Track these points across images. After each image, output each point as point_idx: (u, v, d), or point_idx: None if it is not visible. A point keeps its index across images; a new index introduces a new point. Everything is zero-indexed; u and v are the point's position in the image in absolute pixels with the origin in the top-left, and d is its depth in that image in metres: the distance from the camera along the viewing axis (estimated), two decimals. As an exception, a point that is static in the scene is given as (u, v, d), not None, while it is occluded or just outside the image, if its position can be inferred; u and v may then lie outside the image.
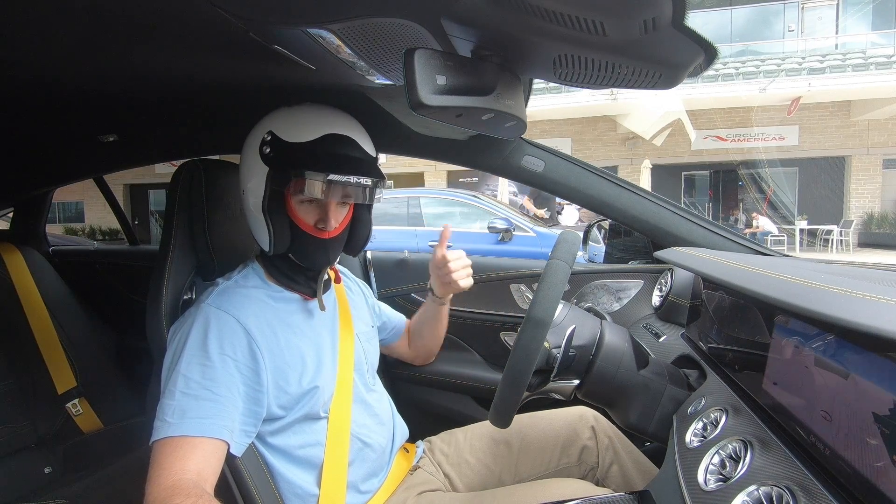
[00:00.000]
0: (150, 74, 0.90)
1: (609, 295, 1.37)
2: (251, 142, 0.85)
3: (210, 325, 0.78)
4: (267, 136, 0.82)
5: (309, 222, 0.84)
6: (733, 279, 0.70)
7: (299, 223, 0.84)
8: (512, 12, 0.55)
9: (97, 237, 12.06)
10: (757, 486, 0.53)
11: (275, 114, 0.85)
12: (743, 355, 0.77)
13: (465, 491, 1.00)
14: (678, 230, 1.19)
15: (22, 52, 0.76)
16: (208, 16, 0.61)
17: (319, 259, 0.87)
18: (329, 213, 0.84)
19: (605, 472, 0.97)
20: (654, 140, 9.58)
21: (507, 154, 1.19)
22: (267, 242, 0.83)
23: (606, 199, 1.20)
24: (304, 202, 0.84)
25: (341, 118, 0.85)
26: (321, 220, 0.84)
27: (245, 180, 0.85)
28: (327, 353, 0.89)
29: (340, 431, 0.87)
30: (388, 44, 0.70)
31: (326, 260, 0.88)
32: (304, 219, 0.84)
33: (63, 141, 1.40)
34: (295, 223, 0.84)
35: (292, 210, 0.83)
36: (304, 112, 0.84)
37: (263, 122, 0.85)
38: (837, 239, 10.07)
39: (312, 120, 0.82)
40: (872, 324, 0.42)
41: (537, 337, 0.73)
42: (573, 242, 0.82)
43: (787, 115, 10.33)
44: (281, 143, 0.81)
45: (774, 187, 11.37)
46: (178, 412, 0.71)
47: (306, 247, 0.85)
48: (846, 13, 11.61)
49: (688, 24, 0.51)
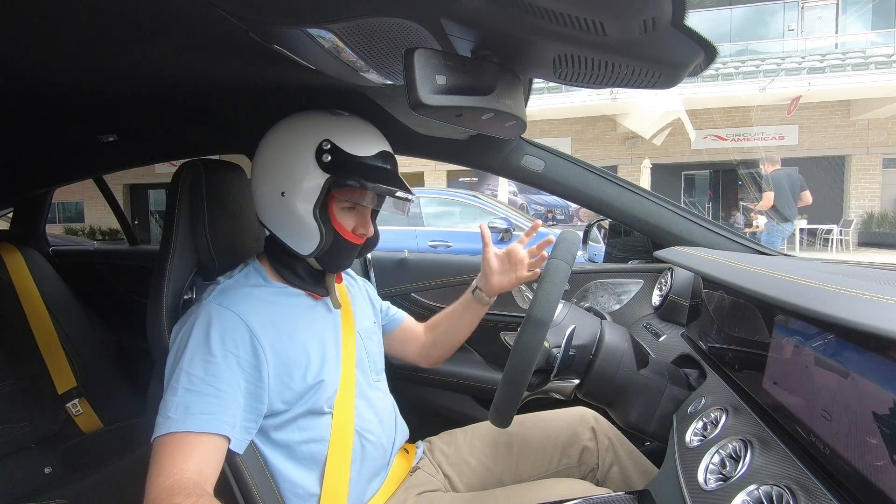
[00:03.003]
0: (151, 74, 0.90)
1: (609, 294, 1.37)
2: (300, 146, 0.84)
3: (212, 321, 0.78)
4: (326, 145, 0.84)
5: (348, 228, 0.88)
6: (733, 279, 0.70)
7: (339, 229, 0.87)
8: (512, 12, 0.55)
9: (97, 237, 12.05)
10: (757, 486, 0.53)
11: (325, 121, 0.86)
12: (743, 355, 0.77)
13: (465, 491, 1.00)
14: (678, 230, 1.19)
15: (22, 53, 0.76)
16: (208, 16, 0.61)
17: (347, 262, 0.92)
18: (367, 221, 0.91)
19: (606, 472, 0.97)
20: (654, 139, 9.56)
21: (506, 154, 1.19)
22: (315, 245, 0.85)
23: (606, 199, 1.20)
24: (344, 209, 0.88)
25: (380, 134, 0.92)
26: (360, 227, 0.89)
27: (287, 182, 0.85)
28: (331, 349, 0.90)
29: (344, 427, 0.87)
30: (388, 43, 0.70)
31: (350, 263, 0.93)
32: (345, 224, 0.88)
33: (63, 141, 1.40)
34: (335, 228, 0.86)
35: (334, 216, 0.87)
36: (357, 125, 0.89)
37: (309, 128, 0.86)
38: (837, 238, 10.06)
39: (369, 135, 0.89)
40: (872, 323, 0.42)
41: (537, 336, 0.73)
42: (573, 242, 0.82)
43: (786, 114, 10.32)
44: (343, 154, 0.84)
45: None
46: (181, 408, 0.72)
47: (341, 250, 0.88)
48: (846, 12, 11.61)
49: (687, 23, 0.51)
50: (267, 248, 0.92)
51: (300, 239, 0.85)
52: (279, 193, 0.85)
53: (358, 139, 0.86)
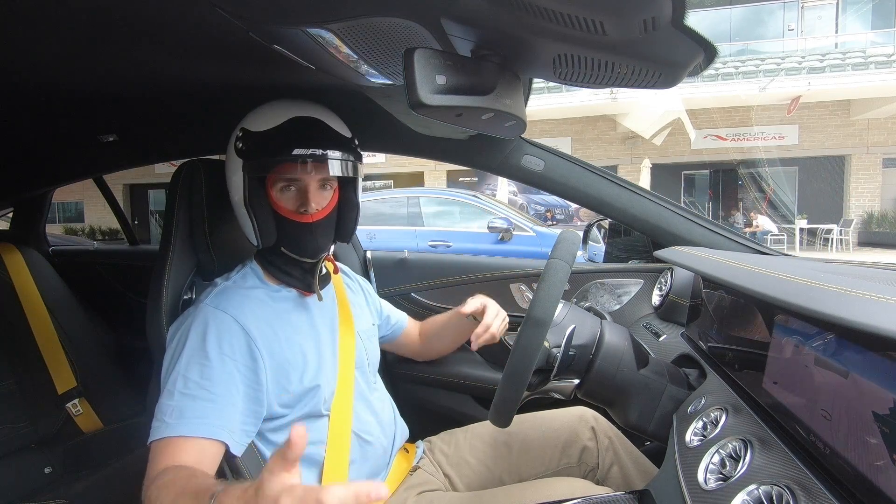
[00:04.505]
0: (151, 74, 0.90)
1: (609, 294, 1.37)
2: (230, 144, 0.87)
3: (209, 325, 0.78)
4: (239, 133, 0.85)
5: (290, 208, 0.85)
6: (733, 278, 0.70)
7: (281, 211, 0.85)
8: (512, 12, 0.55)
9: (97, 237, 12.04)
10: (757, 486, 0.53)
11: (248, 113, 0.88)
12: (743, 354, 0.77)
13: (465, 491, 1.00)
14: (678, 229, 1.19)
15: (22, 53, 0.76)
16: (208, 16, 0.61)
17: (309, 245, 0.87)
18: (309, 196, 0.84)
19: (606, 472, 0.97)
20: (654, 139, 9.57)
21: (506, 153, 1.19)
22: (253, 235, 0.85)
23: (606, 199, 1.20)
24: (283, 189, 0.84)
25: (307, 104, 0.87)
26: (302, 204, 0.84)
27: (228, 181, 0.88)
28: (327, 351, 0.90)
29: (342, 429, 0.87)
30: (388, 43, 0.70)
31: (316, 245, 0.87)
32: (286, 206, 0.85)
33: (63, 141, 1.40)
34: (277, 212, 0.85)
35: (273, 200, 0.85)
36: (270, 105, 0.87)
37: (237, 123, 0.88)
38: (837, 238, 10.07)
39: (277, 109, 0.85)
40: (872, 323, 0.42)
41: (537, 336, 0.73)
42: (573, 242, 0.82)
43: (786, 114, 10.33)
44: (250, 135, 0.84)
45: (774, 186, 11.37)
46: (176, 412, 0.72)
47: (293, 234, 0.86)
48: (846, 12, 11.61)
49: (687, 23, 0.51)
50: (258, 250, 0.92)
51: (250, 233, 0.86)
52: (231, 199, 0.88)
53: (265, 115, 0.84)
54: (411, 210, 5.51)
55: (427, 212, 5.50)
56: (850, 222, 10.23)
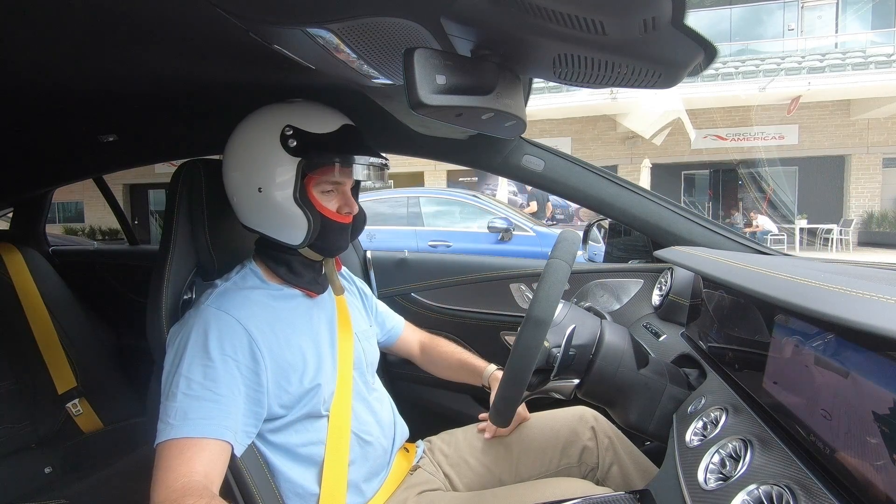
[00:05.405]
0: (150, 74, 0.90)
1: (609, 294, 1.37)
2: (264, 138, 0.84)
3: (210, 326, 0.78)
4: (288, 131, 0.83)
5: (332, 209, 0.88)
6: (733, 278, 0.70)
7: (324, 211, 0.86)
8: (511, 12, 0.55)
9: (97, 237, 12.04)
10: (757, 485, 0.53)
11: (281, 110, 0.86)
12: (743, 354, 0.77)
13: (465, 491, 1.00)
14: (678, 229, 1.19)
15: (22, 53, 0.76)
16: (208, 16, 0.61)
17: (342, 244, 0.91)
18: (350, 198, 0.90)
19: (606, 472, 0.97)
20: (654, 139, 9.57)
21: (506, 153, 1.19)
22: (303, 234, 0.84)
23: (606, 199, 1.20)
24: (324, 192, 0.87)
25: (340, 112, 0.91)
26: (345, 206, 0.89)
27: (261, 177, 0.84)
28: (326, 351, 0.90)
29: (341, 430, 0.87)
30: (388, 43, 0.70)
31: (346, 244, 0.92)
32: (328, 206, 0.87)
33: (63, 141, 1.40)
34: (319, 212, 0.86)
35: (315, 200, 0.86)
36: (312, 107, 0.88)
37: (268, 120, 0.85)
38: (837, 238, 10.07)
39: (326, 113, 0.88)
40: (872, 322, 0.42)
41: (537, 336, 0.73)
42: (573, 242, 0.82)
43: (786, 114, 10.33)
44: (306, 135, 0.83)
45: (774, 186, 11.37)
46: (180, 414, 0.72)
47: (332, 233, 0.88)
48: (846, 12, 11.61)
49: (687, 23, 0.51)
50: (259, 249, 0.92)
51: (289, 230, 0.85)
52: (256, 191, 0.84)
53: (317, 118, 0.86)
54: (411, 210, 5.51)
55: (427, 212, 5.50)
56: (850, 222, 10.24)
